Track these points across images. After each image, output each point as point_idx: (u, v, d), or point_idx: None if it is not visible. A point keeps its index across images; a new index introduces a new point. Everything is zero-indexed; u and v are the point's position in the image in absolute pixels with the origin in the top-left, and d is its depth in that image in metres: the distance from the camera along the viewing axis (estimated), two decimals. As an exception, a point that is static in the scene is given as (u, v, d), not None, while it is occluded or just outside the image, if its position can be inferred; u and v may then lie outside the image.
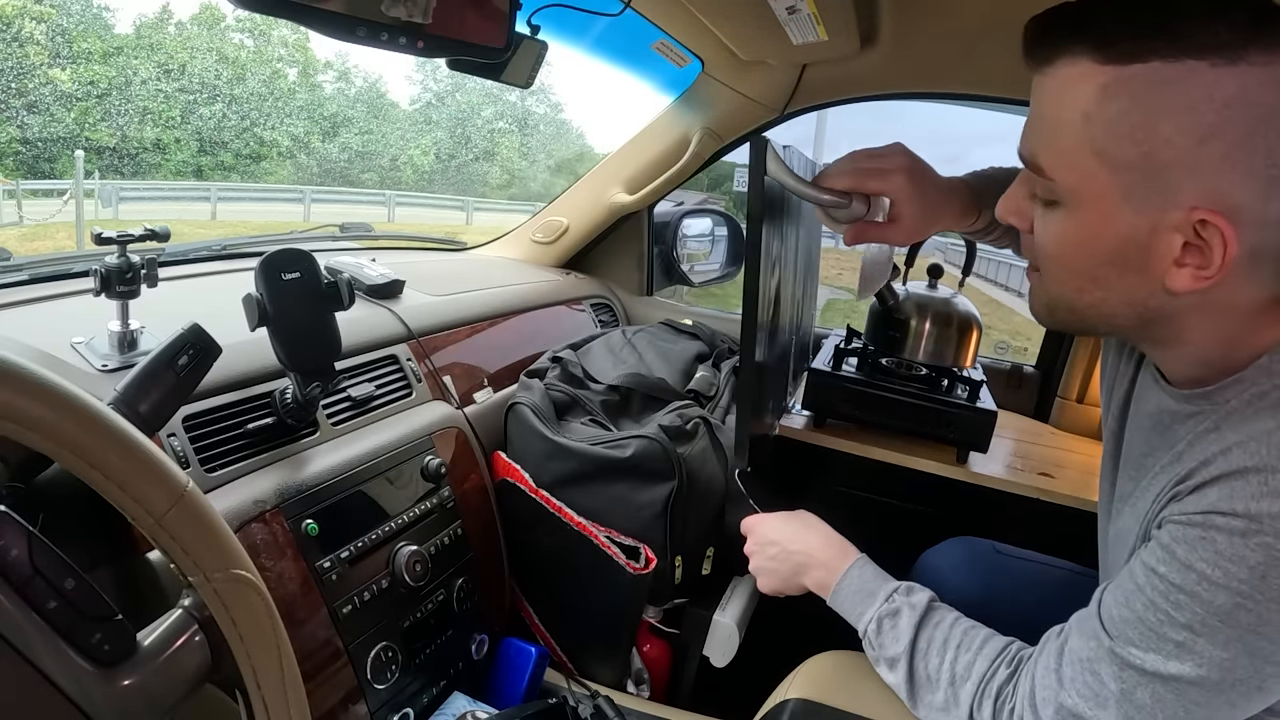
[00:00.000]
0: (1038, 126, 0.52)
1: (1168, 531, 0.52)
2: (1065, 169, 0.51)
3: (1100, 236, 0.51)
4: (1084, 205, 0.51)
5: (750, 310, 0.79)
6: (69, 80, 18.24)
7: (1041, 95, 0.51)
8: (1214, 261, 0.47)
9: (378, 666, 0.78)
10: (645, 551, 0.94)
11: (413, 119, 27.08)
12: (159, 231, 0.78)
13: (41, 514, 0.47)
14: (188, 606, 0.44)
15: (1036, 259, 0.57)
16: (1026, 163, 0.54)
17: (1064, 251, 0.54)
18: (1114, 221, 0.50)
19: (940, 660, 0.64)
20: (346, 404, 0.89)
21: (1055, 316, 0.59)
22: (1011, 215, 0.58)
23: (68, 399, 0.38)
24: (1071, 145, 0.49)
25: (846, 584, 0.73)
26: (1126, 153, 0.47)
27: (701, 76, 1.37)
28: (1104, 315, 0.55)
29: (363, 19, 0.58)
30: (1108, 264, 0.52)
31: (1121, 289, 0.53)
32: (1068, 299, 0.56)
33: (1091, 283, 0.54)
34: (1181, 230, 0.48)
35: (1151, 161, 0.47)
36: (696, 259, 1.85)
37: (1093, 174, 0.49)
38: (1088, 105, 0.48)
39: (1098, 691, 0.54)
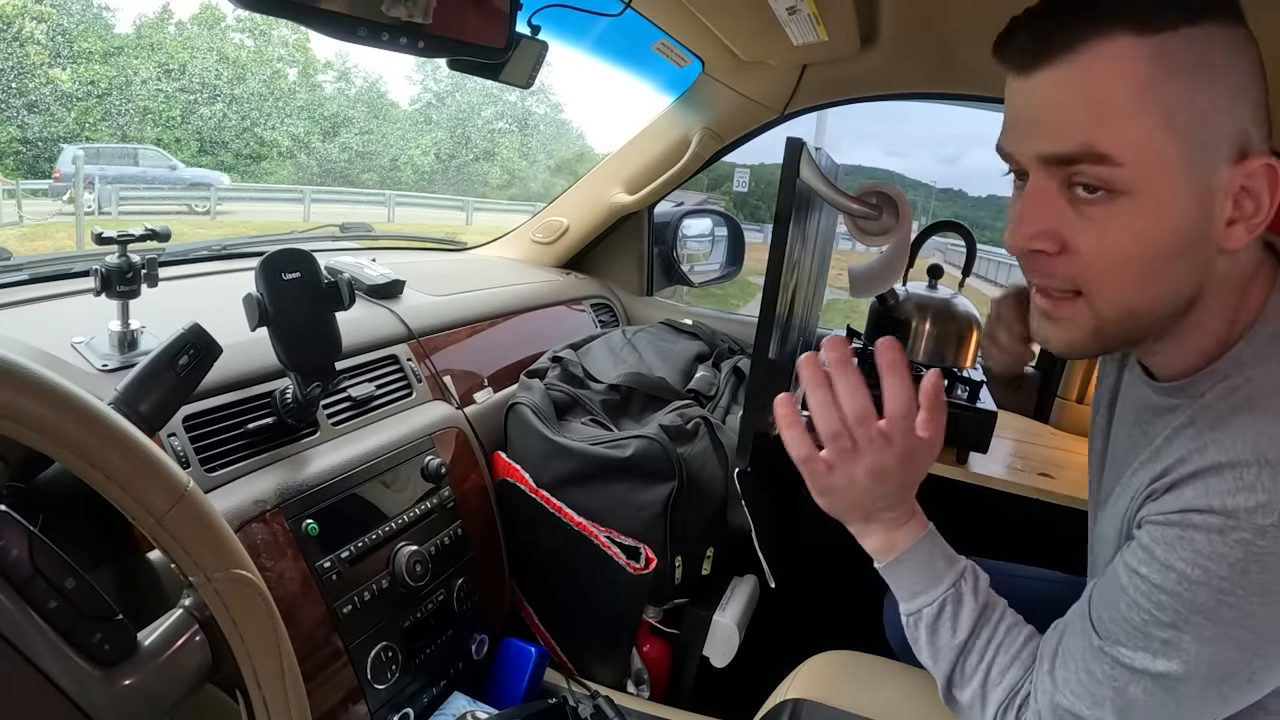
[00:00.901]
0: (1086, 112, 0.47)
1: (1147, 532, 0.52)
2: (1136, 146, 0.47)
3: (1169, 215, 0.48)
4: (1155, 183, 0.47)
5: (769, 309, 0.79)
6: (69, 80, 18.24)
7: (1078, 81, 0.47)
8: (1263, 206, 0.47)
9: (378, 666, 0.78)
10: (645, 551, 0.94)
11: (413, 119, 27.09)
12: (159, 231, 0.78)
13: (42, 514, 0.47)
14: (188, 606, 0.44)
15: (1079, 276, 0.51)
16: (1071, 157, 0.48)
17: (1132, 245, 0.49)
18: (1180, 194, 0.47)
19: (980, 660, 0.61)
20: (347, 404, 0.89)
21: (1103, 335, 0.53)
22: (1043, 240, 0.50)
23: (69, 399, 0.38)
24: (1140, 119, 0.46)
25: (913, 556, 0.63)
26: (1189, 116, 0.46)
27: (702, 77, 1.37)
28: (1158, 313, 0.51)
29: (364, 19, 0.58)
30: (1175, 245, 0.49)
31: (1183, 271, 0.50)
32: (1130, 304, 0.51)
33: (1155, 276, 0.50)
34: (1232, 187, 0.48)
35: (1208, 122, 0.47)
36: (696, 259, 1.85)
37: (1162, 145, 0.47)
38: (1146, 75, 0.46)
39: (1093, 691, 0.54)
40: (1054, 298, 0.53)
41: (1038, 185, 0.50)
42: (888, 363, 0.59)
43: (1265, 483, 0.47)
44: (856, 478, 0.60)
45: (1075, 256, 0.50)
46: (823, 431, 0.60)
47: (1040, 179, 0.50)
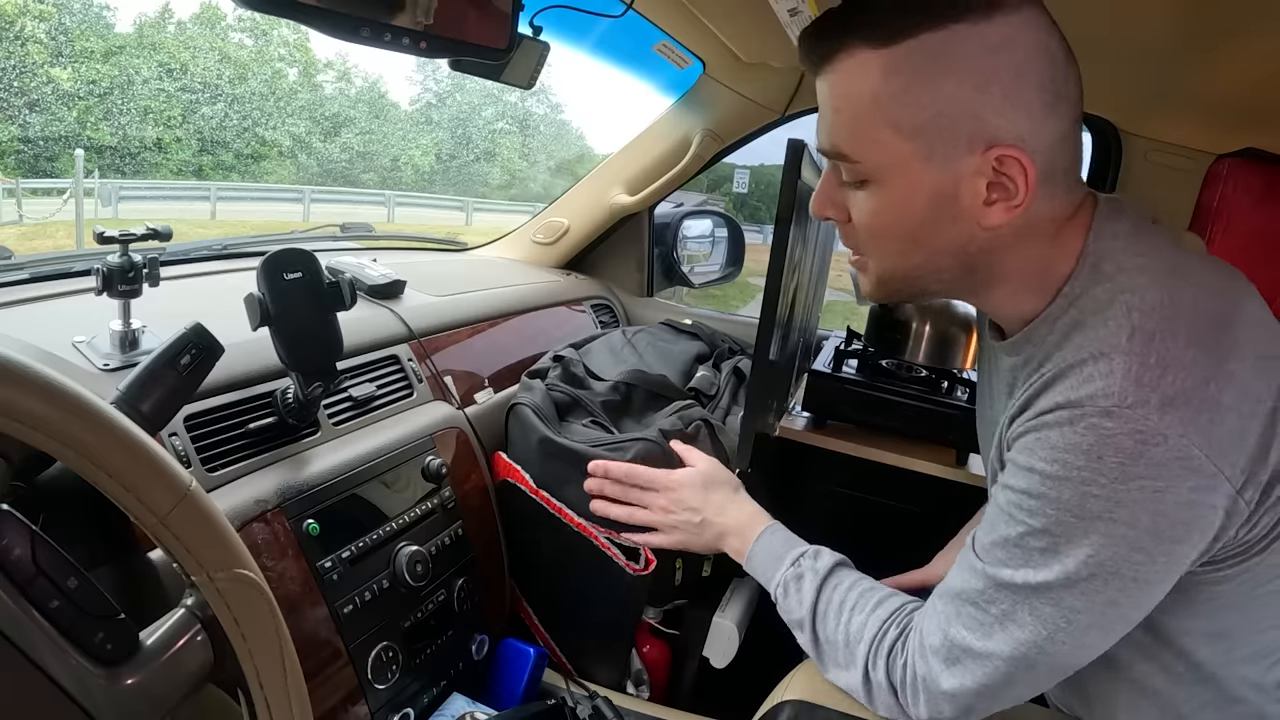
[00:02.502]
0: (833, 119, 0.57)
1: (1013, 451, 0.56)
2: (866, 148, 0.55)
3: (912, 199, 0.55)
4: (891, 175, 0.55)
5: (769, 310, 0.79)
6: (70, 79, 18.25)
7: (829, 91, 0.56)
8: (1019, 190, 0.53)
9: (378, 666, 0.78)
10: (645, 552, 0.94)
11: (413, 119, 27.10)
12: (161, 231, 0.78)
13: (43, 513, 0.47)
14: (190, 606, 0.44)
15: (859, 243, 0.62)
16: (829, 154, 0.58)
17: (883, 222, 0.58)
18: (921, 182, 0.55)
19: (836, 623, 0.67)
20: (348, 404, 0.89)
21: (886, 288, 0.63)
22: (828, 209, 0.62)
23: (72, 398, 0.38)
24: (867, 125, 0.54)
25: (758, 550, 0.76)
26: (917, 118, 0.53)
27: (703, 78, 1.37)
28: (932, 272, 0.60)
29: (366, 19, 0.58)
30: (925, 222, 0.56)
31: (942, 242, 0.57)
32: (895, 267, 0.61)
33: (914, 244, 0.58)
34: (982, 173, 0.53)
35: (941, 120, 0.52)
36: (697, 260, 1.85)
37: (892, 145, 0.54)
38: (874, 87, 0.53)
39: (981, 620, 0.56)
40: (854, 257, 0.65)
41: (826, 170, 0.62)
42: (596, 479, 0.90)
43: (1102, 371, 0.50)
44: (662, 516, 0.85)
45: (852, 226, 0.61)
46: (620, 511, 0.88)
47: (828, 166, 0.61)
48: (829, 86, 0.56)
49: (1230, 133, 1.12)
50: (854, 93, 0.54)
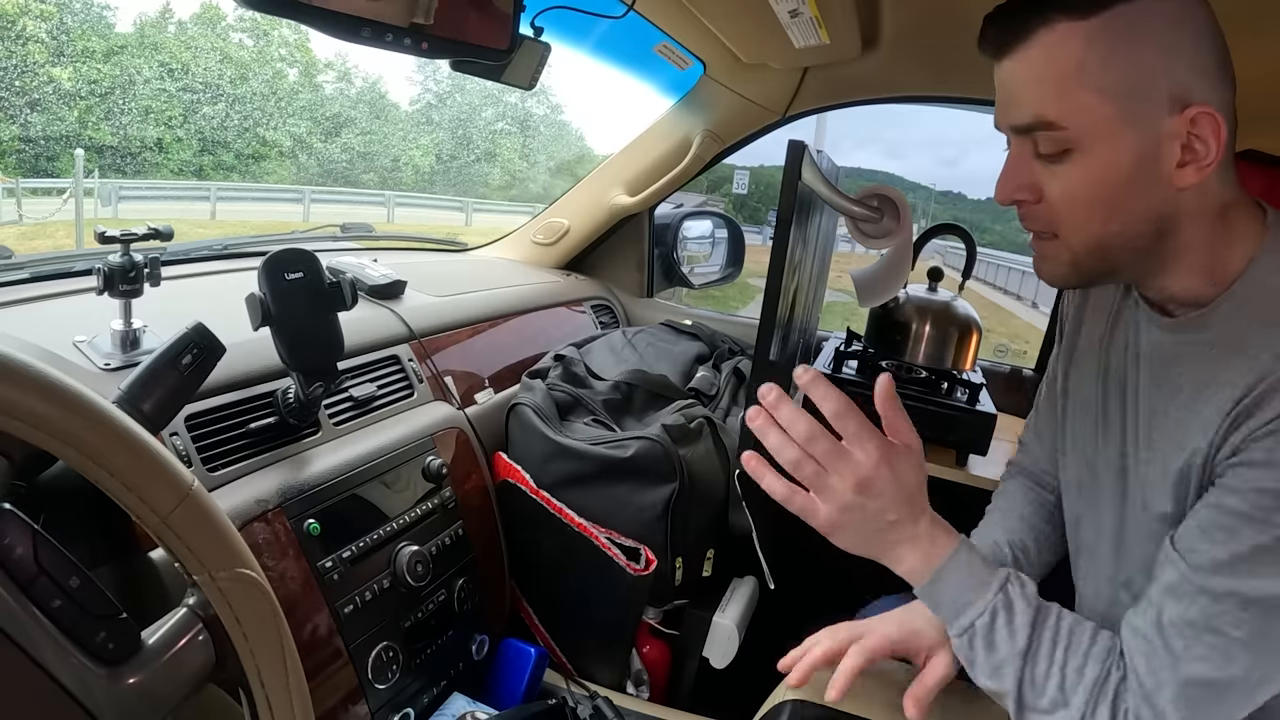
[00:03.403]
0: (1037, 89, 0.57)
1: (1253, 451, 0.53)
2: (1075, 113, 0.56)
3: (1117, 162, 0.57)
4: (1097, 141, 0.56)
5: (770, 311, 0.79)
6: (70, 79, 18.24)
7: (1028, 65, 0.57)
8: (1211, 149, 0.55)
9: (379, 666, 0.78)
10: (645, 553, 0.94)
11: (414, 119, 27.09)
12: (162, 230, 0.78)
13: (44, 513, 0.47)
14: (192, 605, 0.44)
15: (1053, 220, 0.60)
16: (1031, 126, 0.58)
17: (1088, 191, 0.58)
18: (1124, 146, 0.56)
19: (1049, 663, 0.59)
20: (348, 404, 0.89)
21: (1080, 267, 0.62)
22: (1020, 192, 0.61)
23: (74, 397, 0.38)
24: (1075, 91, 0.56)
25: (952, 568, 0.61)
26: (1121, 81, 0.55)
27: (703, 79, 1.37)
28: (1126, 242, 0.59)
29: (367, 19, 0.58)
30: (1127, 186, 0.57)
31: (1140, 207, 0.58)
32: (1095, 238, 0.59)
33: (1115, 211, 0.58)
34: (1178, 134, 0.55)
35: (1141, 84, 0.55)
36: (697, 261, 1.85)
37: (1098, 109, 0.56)
38: (1079, 55, 0.55)
39: (1220, 647, 0.53)
40: (1040, 239, 0.63)
41: (1014, 151, 0.61)
42: (806, 383, 0.62)
43: None
44: (845, 499, 0.60)
45: (1048, 204, 0.60)
46: (787, 465, 0.62)
47: (1016, 145, 0.61)
48: (1027, 61, 0.57)
49: (1230, 134, 1.12)
50: (1059, 61, 0.56)
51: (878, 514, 0.61)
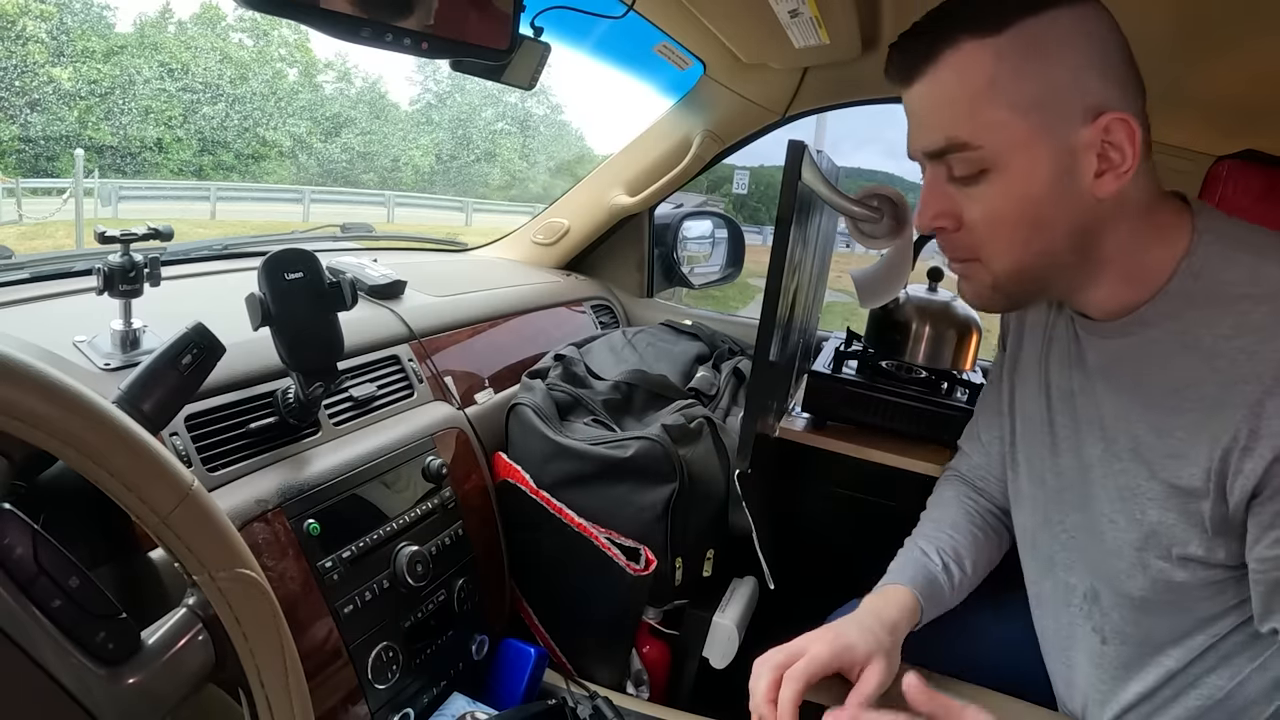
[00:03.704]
0: (949, 111, 0.57)
1: None
2: (988, 131, 0.56)
3: (1034, 178, 0.56)
4: (1012, 158, 0.56)
5: (770, 311, 0.79)
6: (70, 79, 18.24)
7: (938, 87, 0.57)
8: (1127, 156, 0.55)
9: (378, 666, 0.78)
10: (645, 553, 0.94)
11: (414, 119, 27.10)
12: (162, 230, 0.78)
13: (44, 513, 0.47)
14: (192, 605, 0.44)
15: (974, 245, 0.61)
16: (944, 150, 0.58)
17: (1007, 209, 0.58)
18: (1041, 159, 0.56)
19: None
20: (348, 404, 0.89)
21: (1004, 289, 0.62)
22: (940, 219, 0.61)
23: (74, 397, 0.38)
24: (986, 108, 0.55)
25: None
26: (1033, 94, 0.55)
27: (703, 79, 1.37)
28: (1050, 260, 0.59)
29: (367, 20, 0.58)
30: (1046, 202, 0.57)
31: (1061, 223, 0.58)
32: (1018, 260, 0.59)
33: (1036, 230, 0.58)
34: (1093, 144, 0.55)
35: (1053, 96, 0.55)
36: (697, 261, 1.85)
37: (1012, 125, 0.55)
38: (989, 72, 0.55)
39: None
40: (961, 263, 0.63)
41: (930, 177, 0.61)
42: None
43: None
44: None
45: (968, 229, 0.60)
46: None
47: (931, 171, 0.61)
48: (936, 84, 0.57)
49: (1229, 134, 1.13)
50: (968, 81, 0.56)
51: None
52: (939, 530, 0.83)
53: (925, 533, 0.84)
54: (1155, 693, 0.68)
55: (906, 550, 0.81)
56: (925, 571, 0.77)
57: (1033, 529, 0.77)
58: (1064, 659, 0.77)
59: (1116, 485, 0.64)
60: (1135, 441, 0.62)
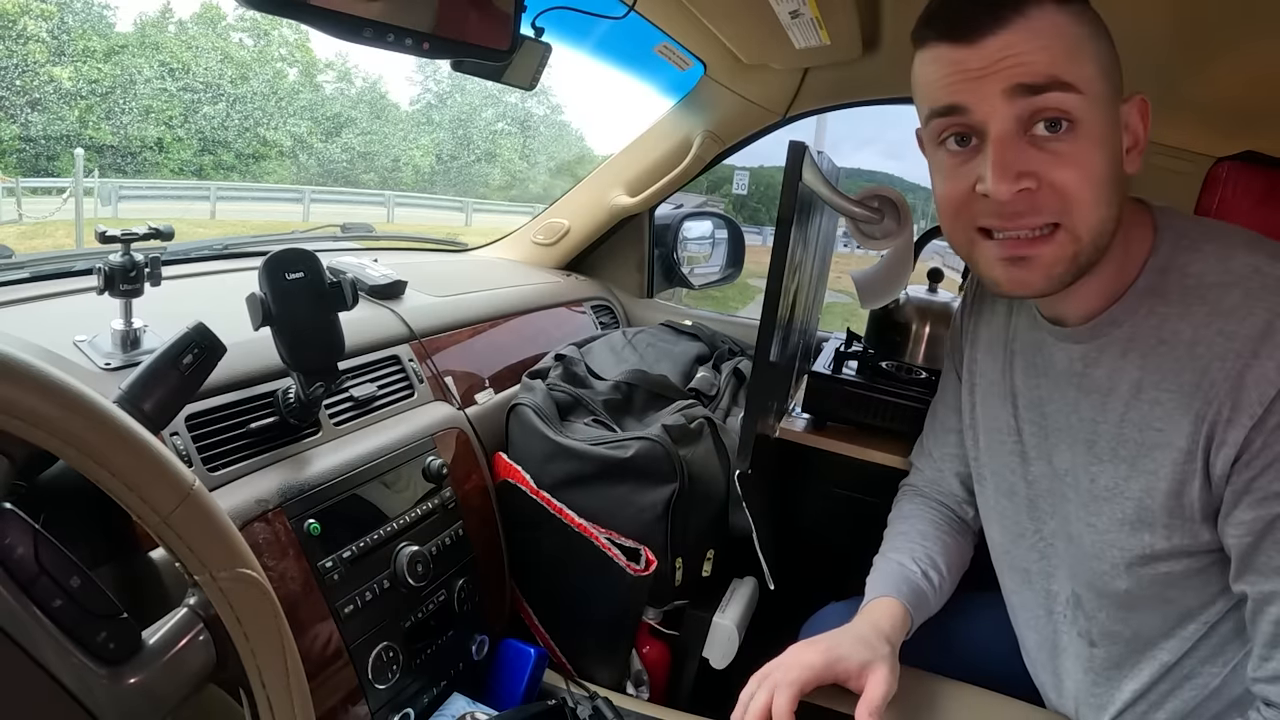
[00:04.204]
0: (1046, 54, 0.54)
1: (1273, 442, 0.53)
2: (1087, 80, 0.55)
3: (1111, 136, 0.57)
4: (1097, 113, 0.56)
5: (770, 312, 0.79)
6: (71, 78, 18.23)
7: (1032, 35, 0.55)
8: (1140, 137, 0.59)
9: (379, 666, 0.78)
10: (645, 553, 0.94)
11: (414, 119, 27.10)
12: (163, 230, 0.78)
13: (44, 512, 0.47)
14: (193, 605, 0.44)
15: (1061, 205, 0.56)
16: (1043, 85, 0.54)
17: (1097, 164, 0.56)
18: (1111, 122, 0.57)
19: None
20: (349, 404, 0.89)
21: (1080, 262, 0.58)
22: (1026, 177, 0.56)
23: (76, 397, 0.38)
24: (1083, 60, 0.56)
25: None
26: (1105, 63, 0.57)
27: (704, 79, 1.37)
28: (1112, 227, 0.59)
29: (368, 20, 0.58)
30: (1115, 165, 0.58)
31: (1119, 193, 0.58)
32: (1100, 219, 0.57)
33: (1113, 188, 0.58)
34: (1129, 120, 0.59)
35: (1113, 69, 0.58)
36: (697, 261, 1.85)
37: (1099, 82, 0.56)
38: (1078, 31, 0.56)
39: None
40: (1031, 239, 0.58)
41: (1004, 132, 0.56)
42: None
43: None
44: None
45: (1052, 189, 0.56)
46: None
47: (1005, 125, 0.55)
48: (1032, 30, 0.55)
49: (1229, 136, 1.13)
50: (1064, 33, 0.55)
51: None
52: (909, 541, 0.83)
53: (897, 545, 0.84)
54: (1151, 689, 0.68)
55: (883, 564, 0.82)
56: (908, 581, 0.78)
57: (1005, 543, 0.77)
58: (1051, 668, 0.77)
59: (1095, 486, 0.65)
60: (1115, 439, 0.62)
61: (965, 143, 0.58)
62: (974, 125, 0.57)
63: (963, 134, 0.58)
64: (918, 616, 0.77)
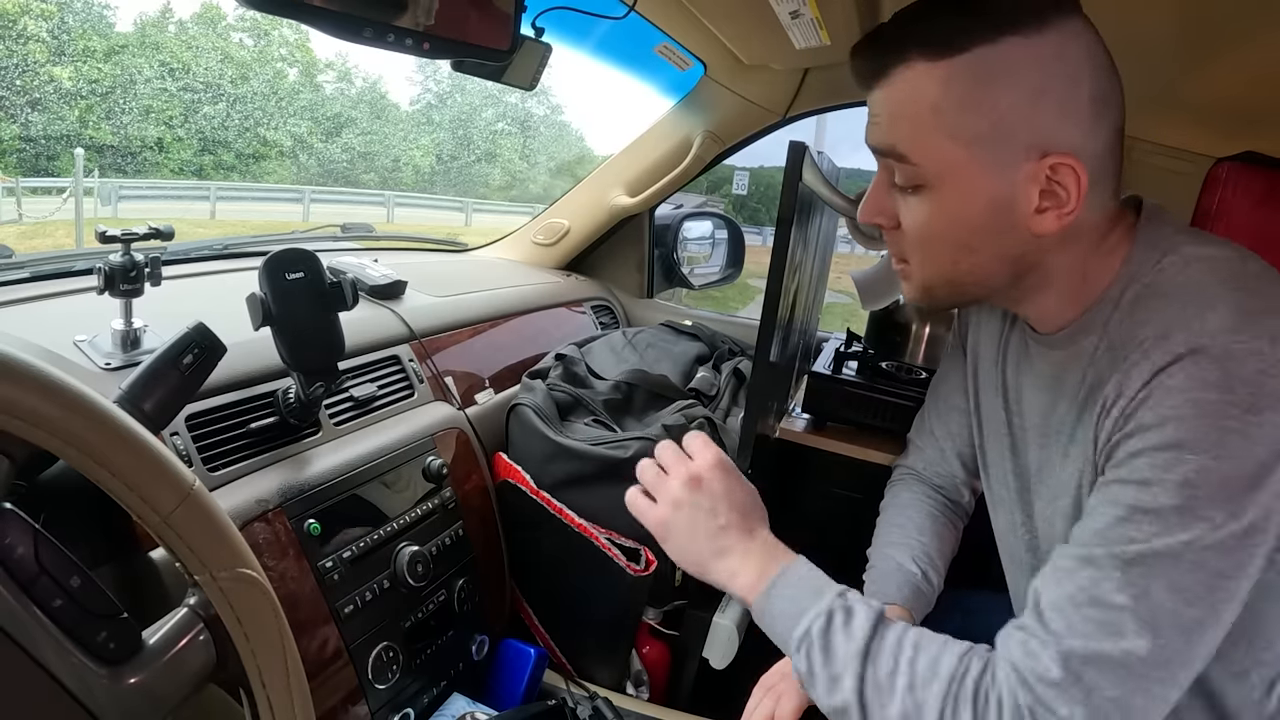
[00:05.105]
0: (891, 124, 0.57)
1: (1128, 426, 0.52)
2: (926, 154, 0.55)
3: (968, 207, 0.56)
4: (948, 183, 0.56)
5: (770, 312, 0.79)
6: (71, 78, 18.24)
7: (886, 100, 0.57)
8: (1071, 198, 0.54)
9: (379, 666, 0.78)
10: (645, 553, 0.94)
11: (414, 119, 27.11)
12: (163, 230, 0.78)
13: (44, 512, 0.47)
14: (193, 605, 0.44)
15: (906, 249, 0.61)
16: (885, 153, 0.58)
17: (937, 229, 0.58)
18: (977, 191, 0.55)
19: (894, 663, 0.55)
20: (349, 404, 0.89)
21: (933, 295, 0.63)
22: (877, 216, 0.61)
23: (76, 396, 0.38)
24: (927, 134, 0.55)
25: (788, 578, 0.62)
26: (975, 127, 0.54)
27: (704, 80, 1.37)
28: (980, 279, 0.60)
29: (369, 20, 0.58)
30: (979, 230, 0.57)
31: (994, 249, 0.58)
32: (945, 274, 0.60)
33: (967, 251, 0.58)
34: (1036, 180, 0.54)
35: (999, 129, 0.53)
36: (697, 261, 1.85)
37: (951, 154, 0.55)
38: (934, 98, 0.54)
39: (1107, 618, 0.49)
40: (898, 260, 0.64)
41: (879, 173, 0.61)
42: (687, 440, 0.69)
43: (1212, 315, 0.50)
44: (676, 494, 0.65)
45: (901, 232, 0.60)
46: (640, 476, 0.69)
47: (881, 168, 0.61)
48: (886, 97, 0.57)
49: (1229, 136, 1.13)
50: (914, 102, 0.55)
51: (708, 514, 0.65)
52: (907, 536, 0.83)
53: (893, 539, 0.83)
54: None
55: (882, 562, 0.81)
56: (909, 583, 0.79)
57: (1004, 531, 0.78)
58: None
59: (1059, 481, 0.66)
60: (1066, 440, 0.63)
61: None
62: None
63: None
64: (918, 619, 0.77)
